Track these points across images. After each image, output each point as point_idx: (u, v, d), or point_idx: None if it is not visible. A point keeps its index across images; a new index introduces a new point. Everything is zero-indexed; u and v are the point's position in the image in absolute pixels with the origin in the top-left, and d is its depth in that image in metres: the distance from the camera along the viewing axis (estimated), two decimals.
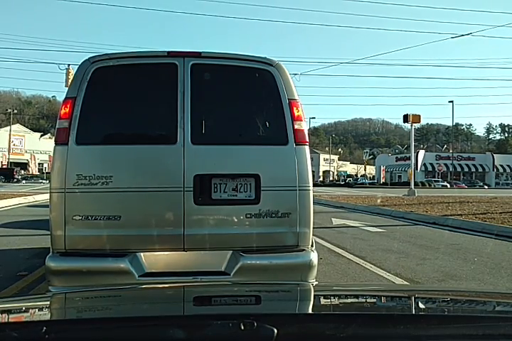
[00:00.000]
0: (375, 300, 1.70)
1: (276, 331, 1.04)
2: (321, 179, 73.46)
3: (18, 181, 48.21)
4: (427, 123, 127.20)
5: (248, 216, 3.38)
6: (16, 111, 73.07)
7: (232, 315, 1.21)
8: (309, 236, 3.50)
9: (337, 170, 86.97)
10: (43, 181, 47.26)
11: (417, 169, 53.67)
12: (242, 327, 1.04)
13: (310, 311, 1.44)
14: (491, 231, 9.65)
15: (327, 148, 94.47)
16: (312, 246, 3.54)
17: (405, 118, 24.25)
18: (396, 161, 69.58)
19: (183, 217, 3.32)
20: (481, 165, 64.91)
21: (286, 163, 3.45)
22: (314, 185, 3.71)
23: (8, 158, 59.41)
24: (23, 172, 57.97)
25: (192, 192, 3.32)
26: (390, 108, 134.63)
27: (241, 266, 3.32)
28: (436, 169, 60.52)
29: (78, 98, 3.32)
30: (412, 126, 26.14)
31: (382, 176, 64.63)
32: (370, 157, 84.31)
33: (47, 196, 3.77)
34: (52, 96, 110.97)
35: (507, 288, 5.30)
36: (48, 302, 1.61)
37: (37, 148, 65.91)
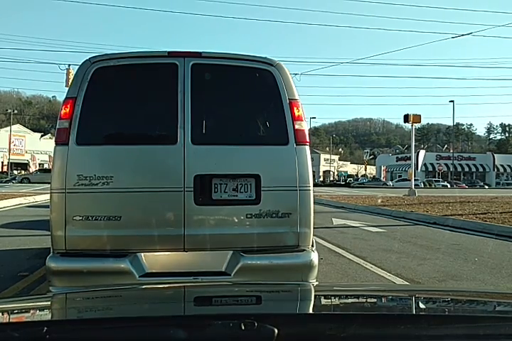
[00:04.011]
0: (375, 300, 1.70)
1: (276, 331, 1.04)
2: (322, 179, 73.39)
3: (8, 182, 43.06)
4: (428, 123, 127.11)
5: (248, 216, 3.38)
6: (16, 112, 72.91)
7: (233, 315, 1.21)
8: (310, 237, 3.50)
9: (337, 170, 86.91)
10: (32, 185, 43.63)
11: (417, 169, 53.67)
12: (243, 327, 1.04)
13: (311, 311, 1.44)
14: (491, 231, 9.64)
15: (327, 148, 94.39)
16: (313, 246, 3.54)
17: (406, 118, 24.20)
18: (397, 161, 69.52)
19: (184, 217, 3.32)
20: (481, 165, 64.85)
21: (287, 163, 3.45)
22: (314, 185, 3.70)
23: (9, 159, 59.37)
24: (15, 172, 56.98)
25: (192, 193, 3.32)
26: (391, 108, 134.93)
27: (241, 266, 3.32)
28: (436, 169, 60.43)
29: (79, 98, 3.33)
30: (412, 126, 26.09)
31: (383, 176, 64.60)
32: (371, 157, 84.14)
33: (47, 196, 3.77)
34: (53, 97, 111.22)
35: (508, 288, 5.30)
36: (49, 303, 1.61)
37: (37, 148, 65.85)
